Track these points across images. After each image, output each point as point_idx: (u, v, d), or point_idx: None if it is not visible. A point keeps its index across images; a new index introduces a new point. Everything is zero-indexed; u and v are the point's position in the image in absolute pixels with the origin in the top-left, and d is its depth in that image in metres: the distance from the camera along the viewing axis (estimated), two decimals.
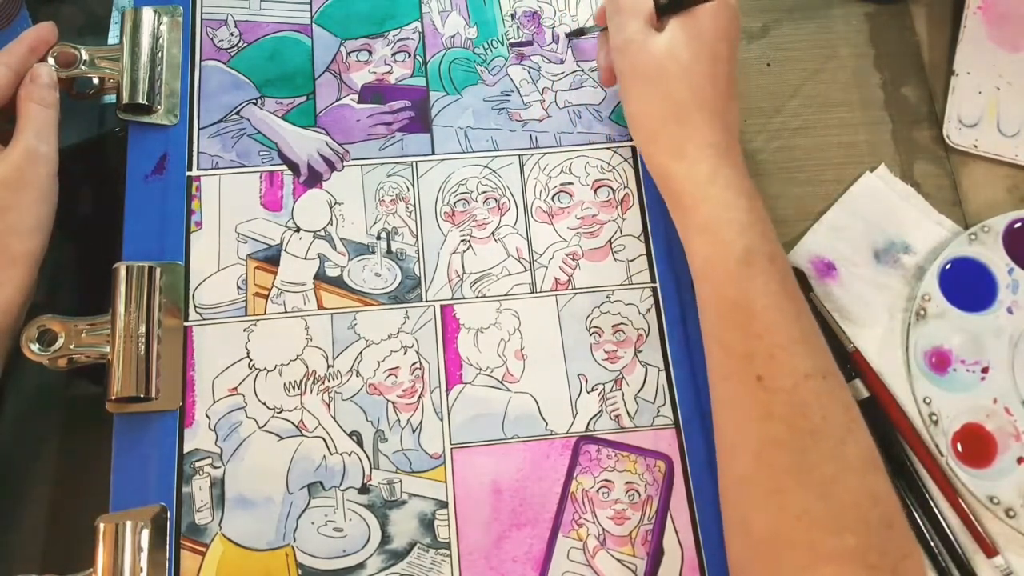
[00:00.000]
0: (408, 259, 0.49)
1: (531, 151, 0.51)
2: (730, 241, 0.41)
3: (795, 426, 0.38)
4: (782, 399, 0.39)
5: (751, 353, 0.40)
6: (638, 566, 0.44)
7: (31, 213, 0.44)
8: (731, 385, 0.41)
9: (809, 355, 0.40)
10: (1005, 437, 0.49)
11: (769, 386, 0.39)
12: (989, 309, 0.51)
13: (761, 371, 0.39)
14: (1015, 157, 0.55)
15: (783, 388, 0.39)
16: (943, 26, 0.59)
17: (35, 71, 0.47)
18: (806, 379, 0.39)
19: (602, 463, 0.45)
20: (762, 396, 0.39)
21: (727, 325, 0.41)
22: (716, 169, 0.42)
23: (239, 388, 0.45)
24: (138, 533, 0.42)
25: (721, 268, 0.41)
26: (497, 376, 0.47)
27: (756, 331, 0.40)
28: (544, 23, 0.55)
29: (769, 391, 0.39)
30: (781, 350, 0.39)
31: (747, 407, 0.40)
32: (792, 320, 0.40)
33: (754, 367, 0.39)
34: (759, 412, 0.39)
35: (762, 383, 0.39)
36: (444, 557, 0.43)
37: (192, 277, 0.47)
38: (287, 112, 0.51)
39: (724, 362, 0.41)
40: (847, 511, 0.37)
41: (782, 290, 0.41)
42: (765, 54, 0.58)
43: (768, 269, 0.41)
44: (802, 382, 0.39)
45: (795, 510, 0.37)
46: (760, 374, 0.39)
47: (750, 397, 0.39)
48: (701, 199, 0.42)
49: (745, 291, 0.40)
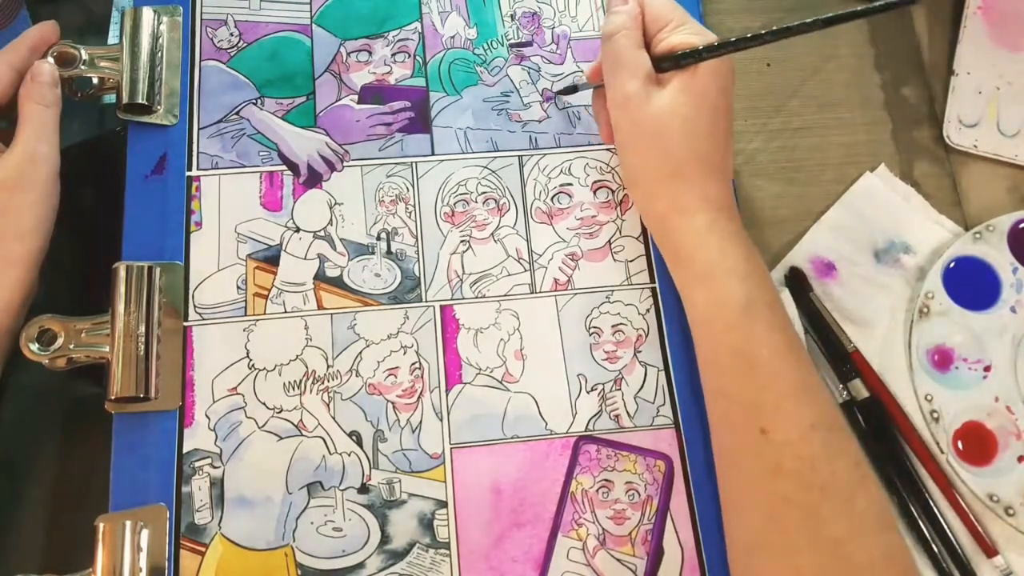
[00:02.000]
0: (408, 259, 0.49)
1: (531, 152, 0.51)
2: (730, 289, 0.41)
3: (804, 481, 0.37)
4: (790, 452, 0.38)
5: (756, 404, 0.39)
6: (638, 566, 0.44)
7: (31, 214, 0.44)
8: (736, 438, 0.40)
9: (814, 405, 0.39)
10: (1006, 435, 0.49)
11: (775, 439, 0.38)
12: (992, 308, 0.51)
13: (766, 423, 0.38)
14: (1015, 157, 0.55)
15: (789, 440, 0.38)
16: (943, 26, 0.59)
17: (36, 69, 0.47)
18: (812, 430, 0.38)
19: (602, 463, 0.45)
20: (767, 450, 0.38)
21: (730, 376, 0.40)
22: (714, 220, 0.42)
23: (239, 388, 0.45)
24: (137, 533, 0.42)
25: (721, 317, 0.41)
26: (497, 376, 0.47)
27: (760, 381, 0.39)
28: (544, 24, 0.55)
29: (775, 444, 0.38)
30: (786, 400, 0.39)
31: (753, 461, 0.39)
32: (795, 369, 0.40)
33: (759, 418, 0.39)
34: (766, 467, 0.38)
35: (767, 436, 0.38)
36: (444, 557, 0.43)
37: (192, 277, 0.47)
38: (287, 112, 0.51)
39: (728, 414, 0.41)
40: (861, 572, 0.36)
41: (784, 339, 0.40)
42: (765, 54, 0.58)
43: (769, 317, 0.40)
44: (808, 433, 0.38)
45: (809, 573, 0.36)
46: (765, 426, 0.38)
47: (756, 451, 0.39)
48: (699, 249, 0.42)
49: (747, 339, 0.40)
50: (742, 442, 0.39)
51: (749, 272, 0.41)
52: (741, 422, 0.39)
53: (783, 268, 0.53)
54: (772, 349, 0.40)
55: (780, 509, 0.38)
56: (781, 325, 0.40)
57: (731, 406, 0.40)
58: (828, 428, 0.38)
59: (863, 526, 0.37)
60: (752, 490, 0.39)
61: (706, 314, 0.42)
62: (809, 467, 0.37)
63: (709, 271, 0.42)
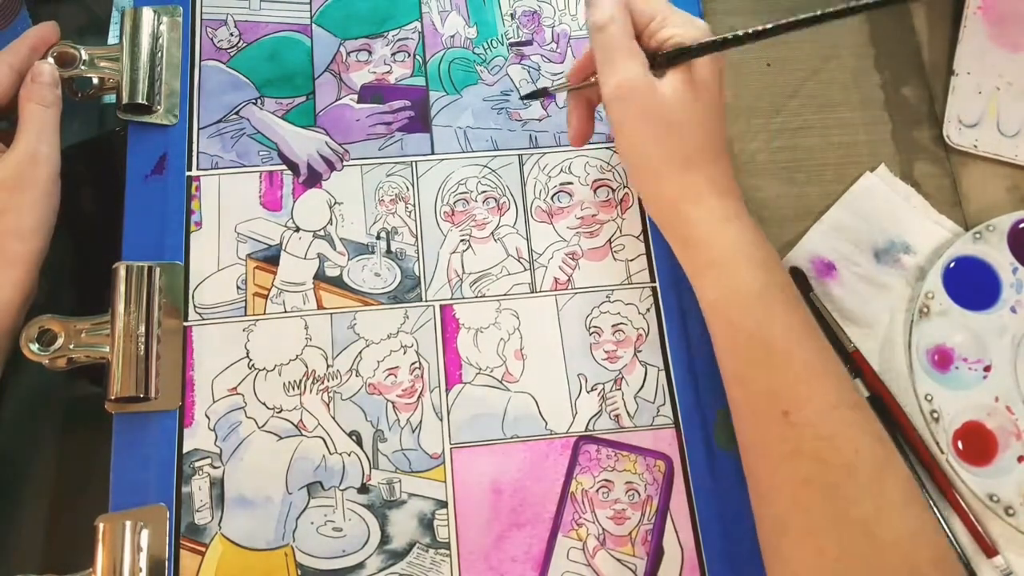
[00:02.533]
0: (408, 259, 0.49)
1: (531, 151, 0.51)
2: (743, 274, 0.41)
3: (827, 462, 0.37)
4: (811, 433, 0.37)
5: (774, 388, 0.39)
6: (638, 566, 0.44)
7: (31, 214, 0.44)
8: (758, 423, 0.40)
9: (834, 386, 0.39)
10: (1006, 435, 0.49)
11: (796, 421, 0.38)
12: (992, 308, 0.51)
13: (787, 406, 0.38)
14: (1015, 157, 0.55)
15: (810, 422, 0.38)
16: (943, 26, 0.59)
17: (36, 69, 0.47)
18: (833, 410, 0.38)
19: (602, 463, 0.45)
20: (790, 433, 0.38)
21: (747, 361, 0.40)
22: (722, 206, 0.42)
23: (239, 388, 0.45)
24: (137, 533, 0.42)
25: (736, 302, 0.41)
26: (497, 376, 0.47)
27: (778, 364, 0.39)
28: (544, 23, 0.55)
29: (796, 426, 0.38)
30: (806, 382, 0.38)
31: (775, 445, 0.39)
32: (813, 351, 0.39)
33: (780, 402, 0.38)
34: (788, 450, 0.38)
35: (788, 418, 0.38)
36: (444, 557, 0.43)
37: (192, 277, 0.47)
38: (287, 112, 0.51)
39: (747, 400, 0.41)
40: (889, 550, 0.36)
41: (800, 322, 0.40)
42: (765, 54, 0.58)
43: (784, 300, 0.40)
44: (830, 413, 0.38)
45: (834, 553, 0.36)
46: (786, 409, 0.38)
47: (778, 435, 0.38)
48: (711, 236, 0.42)
49: (763, 324, 0.40)
50: (765, 426, 0.39)
51: (761, 257, 0.41)
52: (763, 406, 0.39)
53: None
54: (788, 332, 0.40)
55: (803, 491, 0.37)
56: (796, 307, 0.40)
57: (751, 391, 0.40)
58: (850, 407, 0.38)
59: (889, 504, 0.36)
60: (776, 473, 0.39)
61: (720, 300, 0.42)
62: (831, 447, 0.37)
63: (721, 257, 0.41)
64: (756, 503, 0.41)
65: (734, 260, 0.41)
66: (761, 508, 0.40)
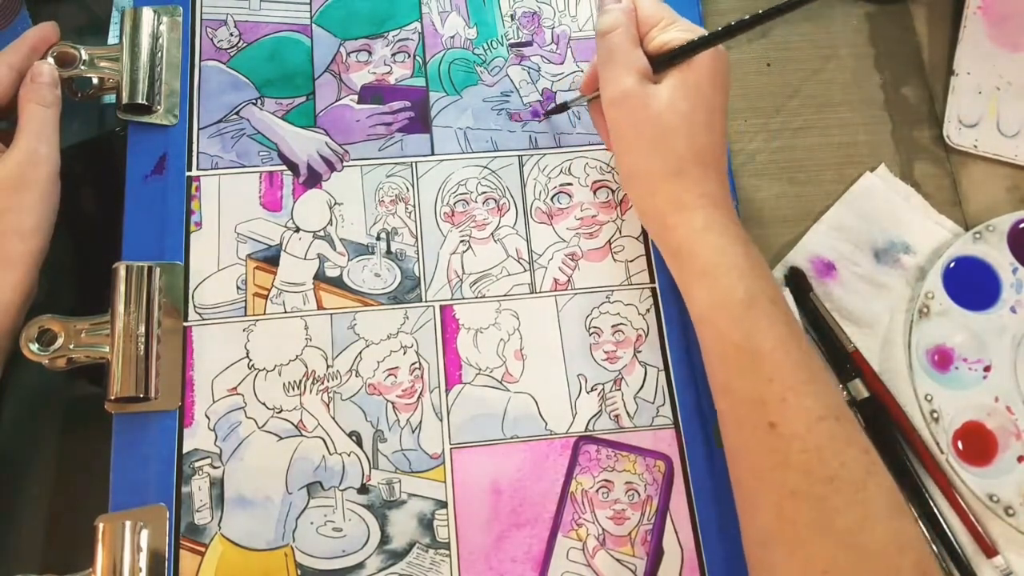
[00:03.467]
0: (408, 259, 0.49)
1: (530, 152, 0.51)
2: (731, 285, 0.41)
3: (813, 474, 0.37)
4: (798, 445, 0.38)
5: (762, 398, 0.39)
6: (638, 566, 0.44)
7: (31, 214, 0.44)
8: (744, 433, 0.40)
9: (820, 397, 0.39)
10: (1006, 435, 0.49)
11: (783, 432, 0.38)
12: (992, 308, 0.51)
13: (774, 417, 0.38)
14: (1015, 157, 0.55)
15: (797, 434, 0.38)
16: (943, 26, 0.59)
17: (36, 69, 0.47)
18: (819, 421, 0.38)
19: (602, 463, 0.45)
20: (777, 444, 0.38)
21: (735, 371, 0.40)
22: (712, 217, 0.42)
23: (238, 388, 0.45)
24: (137, 533, 0.42)
25: (724, 312, 0.41)
26: (496, 376, 0.47)
27: (765, 375, 0.39)
28: (544, 23, 0.55)
29: (783, 438, 0.38)
30: (792, 393, 0.38)
31: (762, 456, 0.39)
32: (800, 362, 0.39)
33: (767, 413, 0.39)
34: (775, 461, 0.38)
35: (775, 430, 0.38)
36: (443, 557, 0.43)
37: (192, 277, 0.47)
38: (287, 112, 0.51)
39: (734, 410, 0.41)
40: (874, 560, 0.36)
41: (787, 332, 0.40)
42: (765, 54, 0.58)
43: (771, 311, 0.40)
44: (816, 425, 0.38)
45: (821, 564, 0.36)
46: (773, 420, 0.38)
47: (765, 445, 0.39)
48: (699, 246, 0.42)
49: (750, 334, 0.40)
50: (751, 437, 0.39)
51: (750, 268, 0.41)
52: (749, 417, 0.39)
53: (783, 268, 0.53)
54: (775, 343, 0.40)
55: (789, 502, 0.38)
56: (784, 319, 0.41)
57: (738, 402, 0.40)
58: (835, 419, 0.38)
59: (874, 515, 0.37)
60: (763, 484, 0.39)
61: (708, 311, 0.42)
62: (817, 459, 0.37)
63: (710, 268, 0.42)
64: (742, 512, 0.41)
65: (720, 270, 0.41)
66: (746, 518, 0.40)
